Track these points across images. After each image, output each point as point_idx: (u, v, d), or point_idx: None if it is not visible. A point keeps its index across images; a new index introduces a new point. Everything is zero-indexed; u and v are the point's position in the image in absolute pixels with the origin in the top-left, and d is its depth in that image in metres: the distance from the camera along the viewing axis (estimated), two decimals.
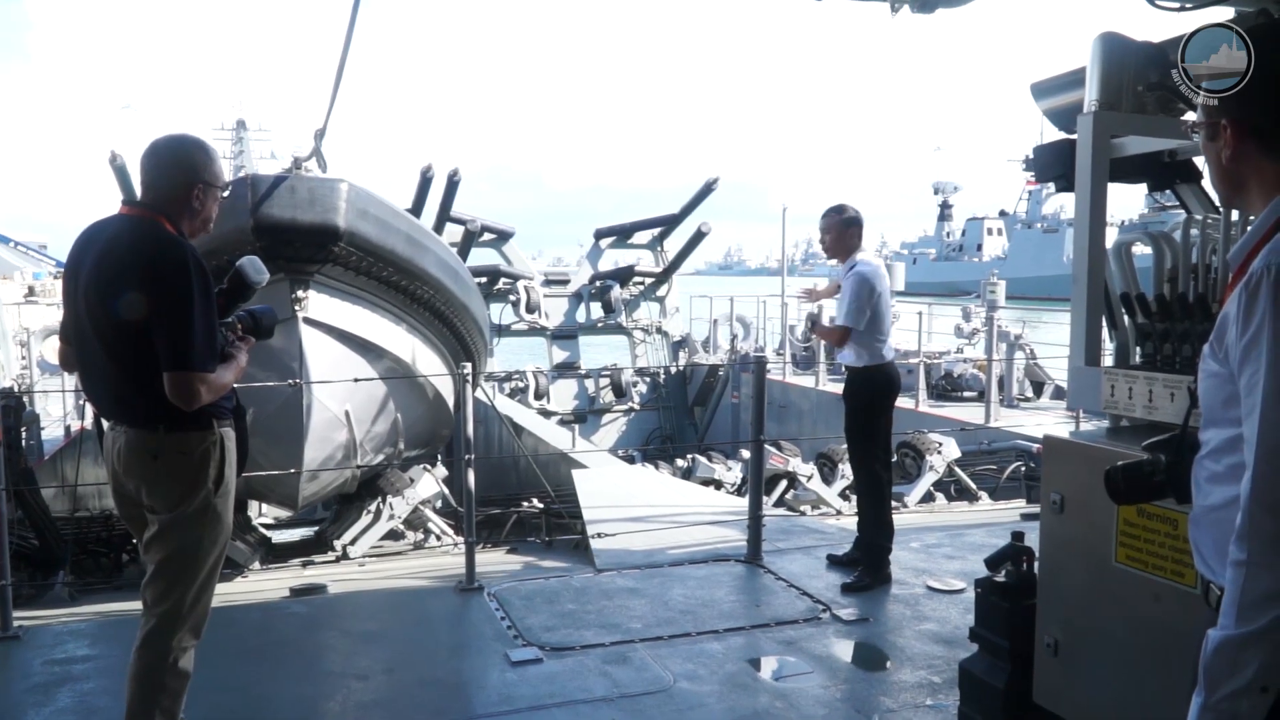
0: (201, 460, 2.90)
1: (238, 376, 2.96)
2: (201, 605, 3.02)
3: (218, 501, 2.96)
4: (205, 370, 2.75)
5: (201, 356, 2.74)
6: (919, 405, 12.92)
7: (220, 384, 2.84)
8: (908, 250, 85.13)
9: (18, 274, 20.53)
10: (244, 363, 3.00)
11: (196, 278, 2.74)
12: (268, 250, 5.88)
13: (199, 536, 2.94)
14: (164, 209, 2.89)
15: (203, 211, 2.97)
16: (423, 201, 14.65)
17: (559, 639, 4.49)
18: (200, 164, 2.96)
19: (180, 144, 2.98)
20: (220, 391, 2.86)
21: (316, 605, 5.38)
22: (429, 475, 8.02)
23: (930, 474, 9.33)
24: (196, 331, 2.73)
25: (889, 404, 5.49)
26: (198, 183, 2.93)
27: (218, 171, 3.01)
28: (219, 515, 2.98)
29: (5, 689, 4.15)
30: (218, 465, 2.93)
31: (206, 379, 2.75)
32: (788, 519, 7.43)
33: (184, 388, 2.72)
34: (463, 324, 7.68)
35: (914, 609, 4.89)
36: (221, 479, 2.95)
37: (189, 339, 2.72)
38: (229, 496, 3.00)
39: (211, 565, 3.01)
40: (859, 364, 5.36)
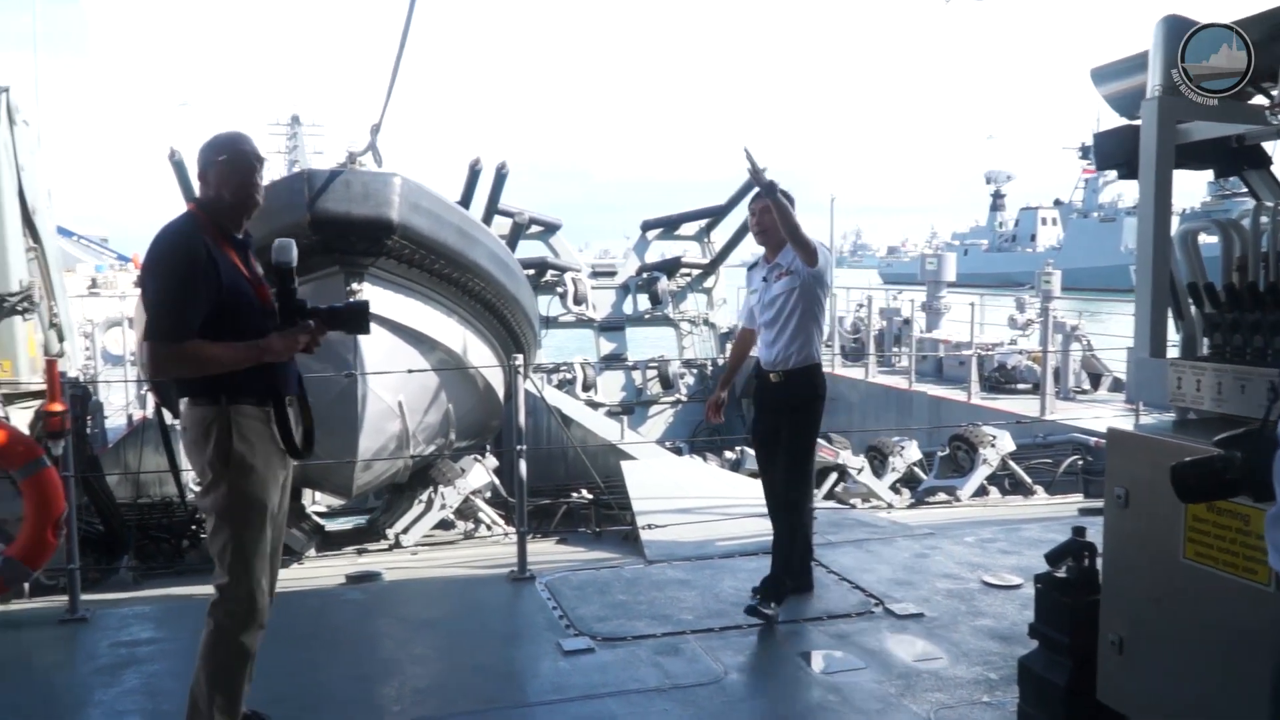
0: (206, 435, 2.99)
1: (251, 356, 2.99)
2: (246, 583, 3.05)
3: (232, 477, 3.00)
4: (160, 340, 2.89)
5: (158, 328, 2.90)
6: (971, 398, 12.76)
7: (194, 356, 2.91)
8: (959, 241, 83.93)
9: (80, 267, 21.03)
10: (278, 346, 3.03)
11: (166, 257, 2.94)
12: (323, 243, 5.98)
13: (222, 511, 3.03)
14: (199, 200, 3.13)
15: (220, 187, 3.07)
16: (471, 194, 14.74)
17: (611, 629, 4.51)
18: (204, 155, 3.12)
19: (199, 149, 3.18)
20: (196, 365, 2.94)
21: (372, 592, 5.46)
22: (479, 465, 8.09)
23: (983, 468, 9.20)
24: (156, 304, 2.94)
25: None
26: (204, 172, 3.11)
27: (218, 146, 3.11)
28: (239, 493, 3.01)
29: (74, 670, 4.28)
30: (222, 441, 2.98)
31: (165, 348, 2.89)
32: (838, 512, 7.38)
33: (145, 355, 2.95)
34: (513, 316, 7.73)
35: (969, 604, 4.83)
36: (229, 455, 2.99)
37: (153, 312, 2.94)
38: (249, 473, 3.02)
39: (243, 541, 3.04)
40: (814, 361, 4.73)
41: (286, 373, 3.15)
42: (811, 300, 4.64)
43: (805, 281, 4.59)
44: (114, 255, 28.03)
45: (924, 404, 13.61)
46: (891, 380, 15.03)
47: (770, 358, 4.72)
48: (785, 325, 4.64)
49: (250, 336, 3.01)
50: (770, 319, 4.70)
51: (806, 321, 4.63)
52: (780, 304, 4.65)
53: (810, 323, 4.65)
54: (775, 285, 4.69)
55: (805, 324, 4.63)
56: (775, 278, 4.71)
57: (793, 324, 4.62)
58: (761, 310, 4.75)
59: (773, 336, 4.70)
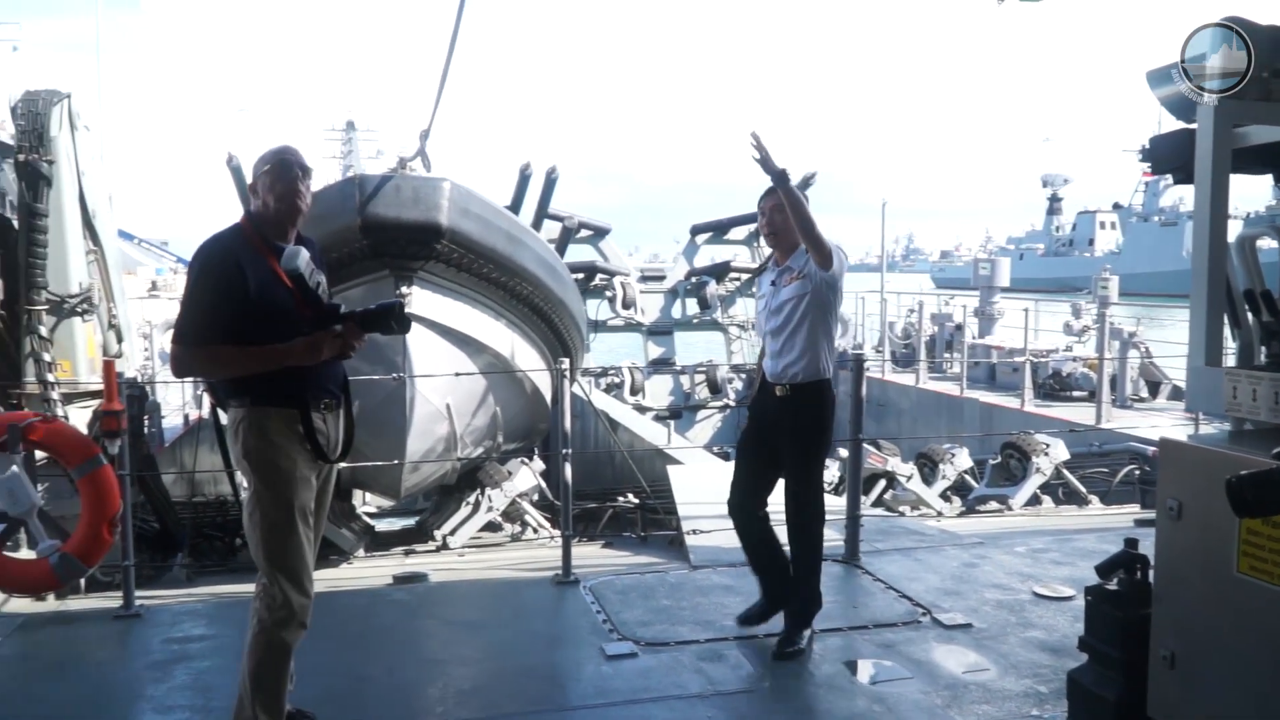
0: (236, 435, 3.13)
1: (274, 359, 3.07)
2: (281, 581, 3.12)
3: (258, 476, 3.11)
4: (179, 342, 3.09)
5: (180, 331, 3.09)
6: (1024, 405, 12.57)
7: (212, 359, 3.10)
8: (1014, 245, 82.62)
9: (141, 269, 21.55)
10: (300, 349, 3.09)
11: (195, 267, 3.12)
12: (373, 247, 6.07)
13: (253, 511, 3.14)
14: (250, 209, 3.27)
15: (265, 196, 3.19)
16: (521, 199, 14.83)
17: (654, 634, 4.50)
18: (254, 167, 3.26)
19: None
20: (214, 367, 3.15)
21: (418, 593, 5.51)
22: (526, 469, 8.13)
23: (1036, 476, 9.04)
24: (182, 310, 3.11)
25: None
26: (253, 183, 3.25)
27: (265, 158, 3.23)
28: (267, 492, 3.11)
29: (127, 664, 4.39)
30: (248, 442, 3.10)
31: (183, 351, 3.09)
32: (886, 519, 7.30)
33: (170, 357, 3.21)
34: (560, 320, 7.76)
35: (1019, 615, 4.74)
36: (255, 454, 3.09)
37: (177, 316, 3.14)
38: (275, 471, 3.09)
39: (272, 539, 3.11)
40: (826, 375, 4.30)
41: (320, 376, 3.19)
42: (823, 308, 4.19)
43: (817, 287, 4.14)
44: (174, 258, 28.72)
45: (975, 411, 13.43)
46: (942, 387, 14.85)
47: (776, 369, 4.25)
48: (794, 334, 4.18)
49: (280, 337, 3.09)
50: (777, 327, 4.24)
51: (816, 331, 4.18)
52: (789, 311, 4.19)
53: (821, 333, 4.19)
54: (784, 290, 4.24)
55: (815, 334, 4.17)
56: (785, 282, 4.25)
57: (802, 333, 4.16)
58: (768, 317, 4.31)
59: (779, 346, 4.24)
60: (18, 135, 6.47)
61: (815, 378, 4.20)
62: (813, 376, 4.19)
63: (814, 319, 4.16)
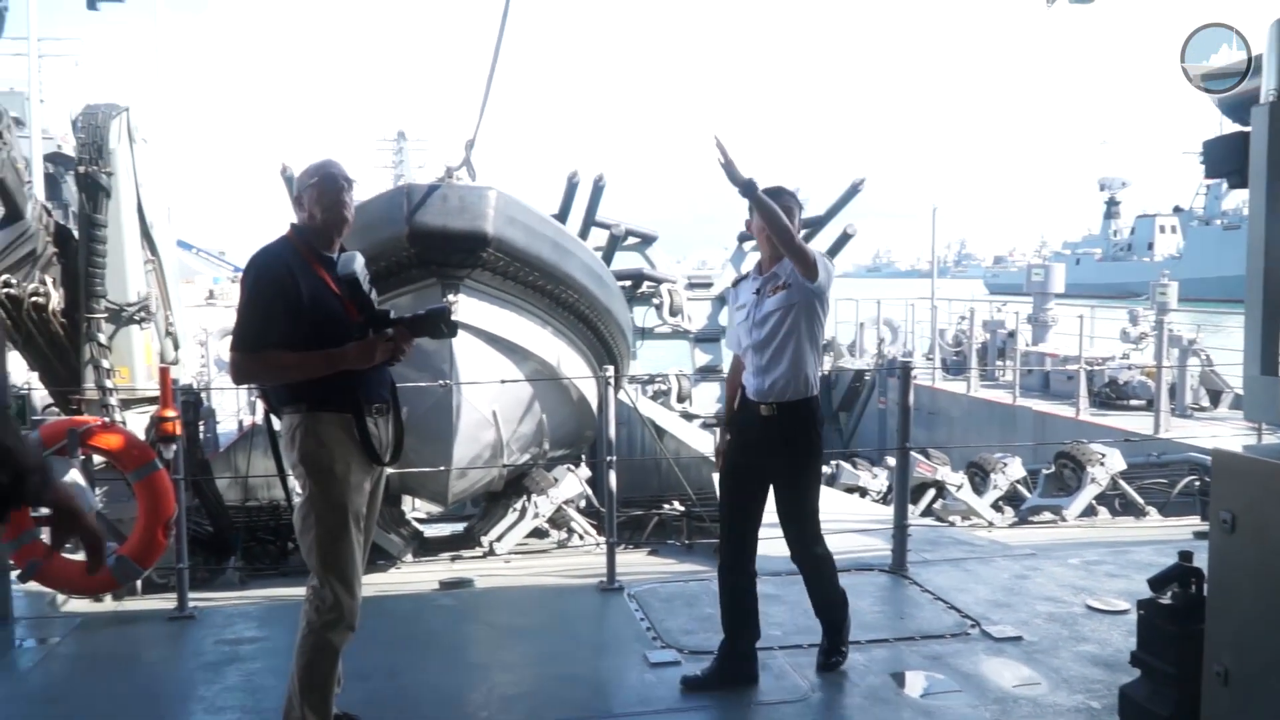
0: (291, 440, 3.20)
1: (326, 365, 3.13)
2: (331, 583, 3.17)
3: (314, 480, 3.17)
4: (237, 349, 3.17)
5: (237, 339, 3.17)
6: (1079, 414, 12.32)
7: (268, 365, 3.16)
8: (1070, 250, 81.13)
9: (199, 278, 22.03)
10: (352, 354, 3.14)
11: (250, 276, 3.19)
12: (421, 256, 6.14)
13: (306, 515, 3.20)
14: (297, 220, 3.33)
15: (310, 209, 3.26)
16: (569, 206, 14.91)
17: (697, 642, 4.48)
18: (299, 180, 3.33)
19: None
20: (270, 373, 3.20)
21: (464, 599, 5.56)
22: (572, 475, 8.15)
23: (1091, 486, 8.83)
24: (238, 318, 3.20)
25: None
26: (299, 196, 3.30)
27: (310, 170, 3.30)
28: (321, 496, 3.17)
29: (181, 664, 4.48)
30: (303, 446, 3.17)
31: (239, 358, 3.17)
32: (935, 529, 7.20)
33: (229, 364, 3.25)
34: (606, 327, 7.78)
35: (1071, 628, 4.65)
36: (311, 458, 3.16)
37: (234, 324, 3.21)
38: (329, 475, 3.16)
39: (326, 542, 3.17)
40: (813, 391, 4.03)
41: (370, 381, 3.25)
42: (811, 320, 3.91)
43: (804, 297, 3.87)
44: (231, 267, 29.30)
45: (1029, 419, 13.19)
46: (994, 395, 14.61)
47: (760, 387, 3.94)
48: (780, 349, 3.89)
49: (329, 344, 3.15)
50: (761, 340, 3.93)
51: (803, 345, 3.90)
52: (774, 323, 3.90)
53: (808, 346, 3.91)
54: (769, 301, 3.94)
55: (802, 348, 3.90)
56: (770, 292, 3.95)
57: (789, 347, 3.88)
58: (751, 330, 3.99)
59: (764, 361, 3.93)
60: (78, 148, 6.65)
61: (803, 394, 3.93)
62: (801, 394, 3.92)
63: (802, 332, 3.89)
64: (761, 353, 3.93)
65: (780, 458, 3.95)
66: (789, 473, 3.96)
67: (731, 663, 4.04)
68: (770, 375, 3.91)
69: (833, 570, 4.16)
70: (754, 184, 3.69)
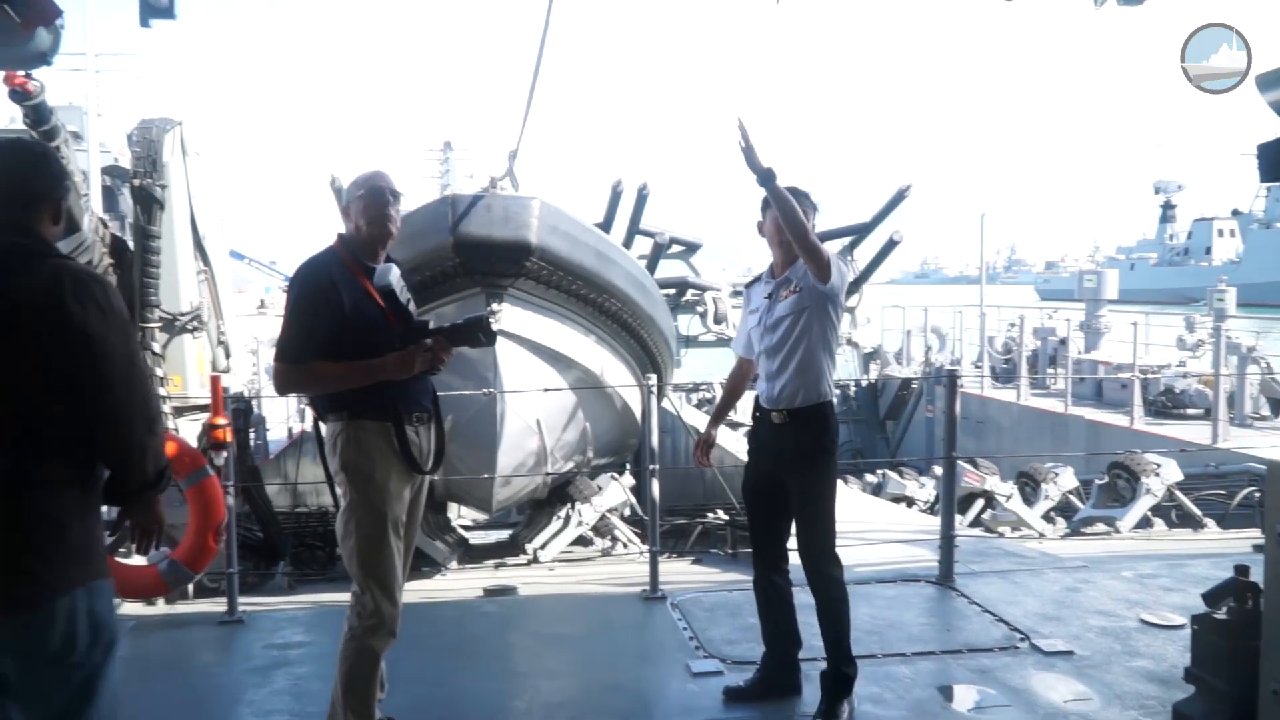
0: (333, 448, 3.24)
1: (368, 374, 3.17)
2: (372, 590, 3.21)
3: (354, 487, 3.20)
4: (281, 360, 3.21)
5: (281, 349, 3.22)
6: (1134, 423, 12.07)
7: (311, 375, 3.20)
8: (1125, 255, 79.58)
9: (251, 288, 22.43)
10: (391, 364, 3.18)
11: (295, 288, 3.25)
12: (465, 265, 6.19)
13: (348, 522, 3.24)
14: (343, 231, 3.37)
15: (358, 220, 3.31)
16: (613, 215, 14.95)
17: (740, 653, 4.45)
18: (347, 191, 3.39)
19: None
20: (313, 383, 3.26)
21: (507, 606, 5.57)
22: (616, 483, 8.16)
23: (1146, 498, 8.65)
24: (282, 329, 3.24)
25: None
26: (346, 207, 3.36)
27: (358, 183, 3.34)
28: (361, 504, 3.21)
29: (229, 668, 4.54)
30: (344, 454, 3.21)
31: (283, 368, 3.22)
32: (983, 540, 7.09)
33: (273, 374, 3.30)
34: (649, 336, 7.78)
35: (1125, 643, 4.54)
36: (352, 466, 3.20)
37: (279, 335, 3.24)
38: (369, 483, 3.20)
39: (365, 549, 3.21)
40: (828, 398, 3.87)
41: (412, 390, 3.29)
42: (824, 324, 3.77)
43: (817, 301, 3.73)
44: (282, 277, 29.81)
45: (1081, 429, 12.95)
46: (1046, 403, 14.37)
47: (772, 394, 3.82)
48: (792, 354, 3.75)
49: (368, 355, 3.19)
50: (773, 345, 3.81)
51: (817, 350, 3.76)
52: (786, 328, 3.76)
53: (822, 352, 3.77)
54: (781, 305, 3.81)
55: (815, 353, 3.75)
56: (782, 295, 3.81)
57: (800, 352, 3.74)
58: (763, 335, 3.86)
59: (776, 367, 3.80)
60: (133, 161, 6.82)
61: (816, 401, 3.77)
62: (813, 400, 3.77)
63: (815, 336, 3.75)
64: (773, 358, 3.80)
65: (793, 466, 3.80)
66: (800, 482, 3.81)
67: (774, 673, 3.99)
68: (781, 381, 3.77)
69: (841, 598, 3.85)
70: (773, 174, 3.50)
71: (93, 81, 25.05)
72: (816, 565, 3.83)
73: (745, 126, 3.40)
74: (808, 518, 3.84)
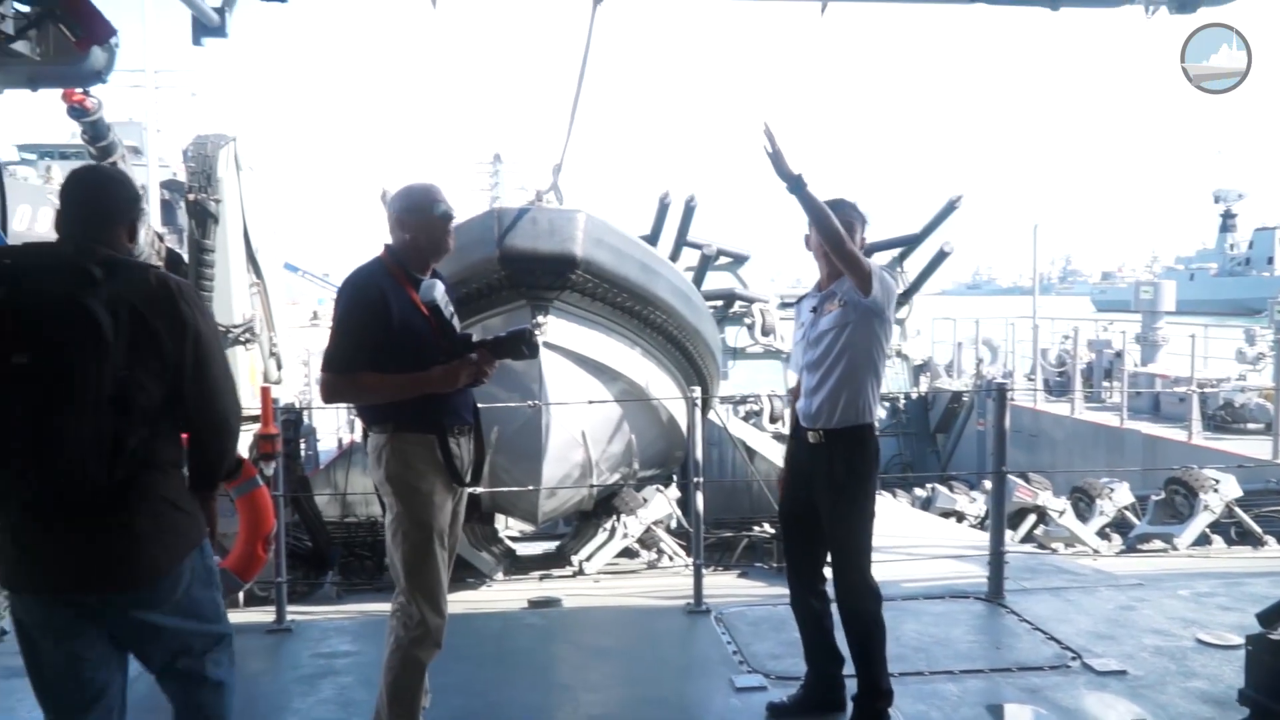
0: (378, 460, 3.27)
1: (415, 387, 3.21)
2: (418, 600, 3.25)
3: (401, 499, 3.24)
4: (329, 370, 3.22)
5: (328, 360, 3.23)
6: (1192, 437, 11.78)
7: (358, 386, 3.23)
8: (1184, 265, 77.82)
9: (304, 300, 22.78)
10: (437, 376, 3.22)
11: (344, 299, 3.26)
12: (511, 278, 6.23)
13: (395, 533, 3.27)
14: (390, 246, 3.38)
15: (417, 235, 3.33)
16: (661, 227, 14.96)
17: (784, 668, 4.41)
18: (394, 200, 3.39)
19: (393, 196, 3.44)
20: (360, 394, 3.28)
21: (551, 618, 5.58)
22: (661, 496, 8.15)
23: (1205, 514, 8.44)
24: (330, 339, 3.24)
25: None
26: (395, 217, 3.37)
27: (412, 198, 3.36)
28: (406, 515, 3.25)
29: (277, 676, 4.60)
30: (390, 466, 3.24)
31: (330, 379, 3.23)
32: (1034, 556, 6.95)
33: (320, 384, 3.27)
34: (695, 348, 7.76)
35: (1180, 663, 4.42)
36: (399, 478, 3.24)
37: (326, 345, 3.25)
38: (414, 494, 3.24)
39: (413, 560, 3.25)
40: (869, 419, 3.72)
41: (454, 403, 3.32)
42: (868, 340, 3.60)
43: (861, 315, 3.58)
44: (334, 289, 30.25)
45: (1137, 443, 12.68)
46: (1101, 417, 14.09)
47: (810, 410, 3.69)
48: (833, 369, 3.60)
49: (415, 368, 3.22)
50: (814, 360, 3.68)
51: (859, 367, 3.60)
52: (828, 343, 3.63)
53: (865, 370, 3.61)
54: (824, 319, 3.67)
55: (856, 370, 3.59)
56: (826, 310, 3.69)
57: (841, 368, 3.59)
58: (805, 349, 3.74)
59: (814, 383, 3.67)
60: (188, 176, 6.98)
61: (853, 422, 3.62)
62: (850, 421, 3.61)
63: (856, 352, 3.59)
64: (814, 373, 3.68)
65: (826, 491, 3.67)
66: (832, 508, 3.67)
67: (817, 689, 3.94)
68: (819, 398, 3.64)
69: (870, 631, 3.71)
70: (802, 180, 3.36)
71: (152, 98, 25.72)
72: (846, 595, 3.71)
73: (772, 131, 3.31)
74: (839, 545, 3.71)
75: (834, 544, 3.72)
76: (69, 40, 3.38)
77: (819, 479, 3.69)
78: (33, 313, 2.34)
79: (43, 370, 2.31)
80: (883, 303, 3.58)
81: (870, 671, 3.71)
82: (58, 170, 32.08)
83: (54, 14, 3.28)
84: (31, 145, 38.11)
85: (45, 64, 3.61)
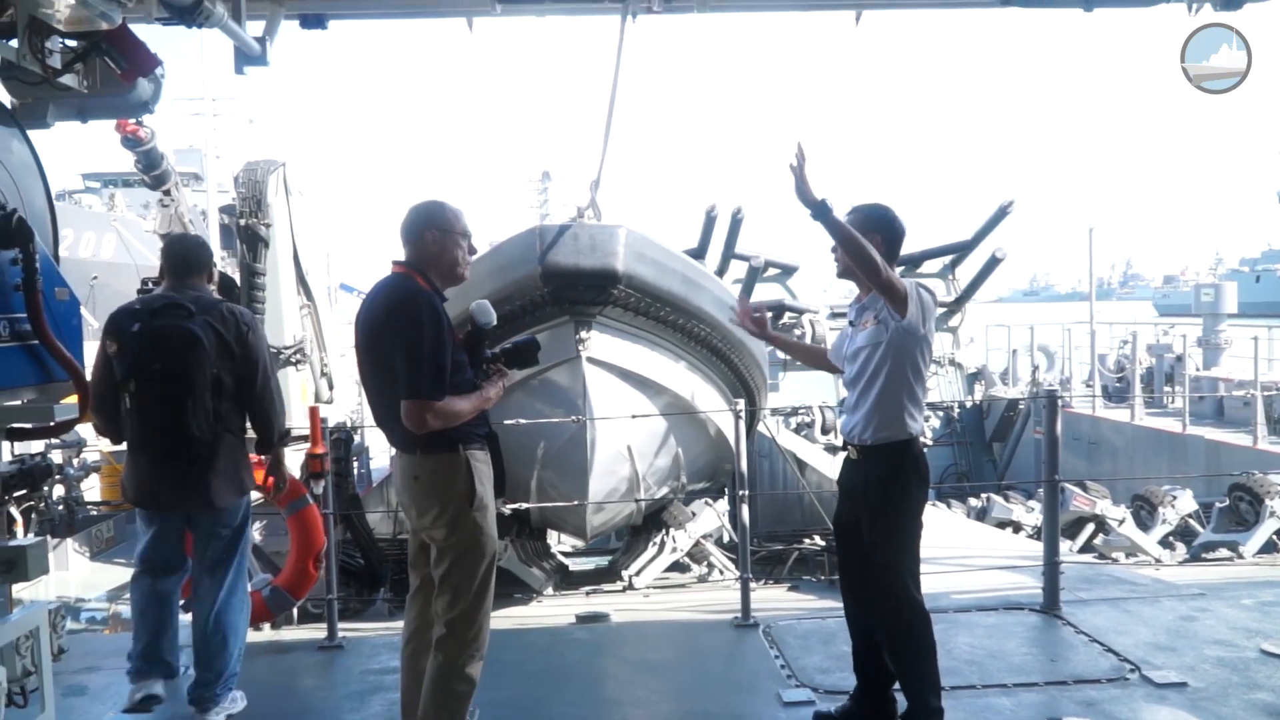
0: (450, 480, 3.23)
1: (480, 406, 3.28)
2: (480, 614, 3.30)
3: (475, 516, 3.26)
4: (430, 398, 3.11)
5: (427, 387, 3.11)
6: (1257, 442, 11.45)
7: (450, 411, 3.16)
8: (1249, 267, 75.76)
9: None
10: (492, 394, 3.32)
11: (427, 322, 3.12)
12: (554, 294, 6.27)
13: (465, 550, 3.27)
14: (415, 264, 3.30)
15: (444, 257, 3.31)
16: (708, 240, 14.98)
17: (833, 682, 4.36)
18: (432, 213, 3.34)
19: (418, 205, 3.40)
20: (452, 418, 3.17)
21: (599, 632, 5.57)
22: (710, 509, 8.11)
23: (1271, 521, 8.20)
24: (423, 366, 3.11)
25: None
26: (430, 229, 3.30)
27: (450, 220, 3.34)
28: (480, 528, 3.28)
29: (329, 693, 4.66)
30: (466, 484, 3.24)
31: (432, 406, 3.11)
32: (1092, 567, 6.79)
33: (412, 413, 3.11)
34: (741, 360, 7.73)
35: (1243, 674, 4.29)
36: (473, 496, 3.25)
37: (418, 372, 3.11)
38: (486, 511, 3.29)
39: (482, 575, 3.29)
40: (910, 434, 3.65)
41: (481, 417, 3.37)
42: (902, 358, 3.54)
43: (896, 334, 3.52)
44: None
45: (1200, 449, 12.35)
46: (1162, 423, 13.75)
47: (848, 427, 3.68)
48: (869, 388, 3.57)
49: (460, 389, 3.25)
50: (852, 377, 3.66)
51: (894, 385, 3.54)
52: (864, 359, 3.60)
53: (899, 387, 3.54)
54: (860, 335, 3.64)
55: (893, 388, 3.54)
56: (862, 325, 3.65)
57: (877, 386, 3.55)
58: (845, 364, 3.75)
59: (854, 400, 3.64)
60: (238, 201, 7.15)
61: (891, 439, 3.56)
62: (886, 438, 3.56)
63: (892, 371, 3.54)
64: (852, 390, 3.66)
65: (864, 506, 3.63)
66: (871, 524, 3.62)
67: (866, 704, 3.88)
68: (858, 415, 3.61)
69: (913, 649, 3.62)
70: (827, 206, 3.30)
71: (210, 125, 26.42)
72: (885, 612, 3.65)
73: (804, 154, 3.26)
74: (874, 560, 3.64)
75: (870, 558, 3.67)
76: (115, 73, 3.50)
77: (858, 493, 3.70)
78: (159, 337, 3.69)
79: (169, 372, 3.67)
80: (916, 322, 3.52)
81: (914, 687, 3.63)
82: (121, 197, 33.09)
83: (99, 47, 3.41)
84: (95, 174, 39.38)
85: (93, 96, 3.75)
